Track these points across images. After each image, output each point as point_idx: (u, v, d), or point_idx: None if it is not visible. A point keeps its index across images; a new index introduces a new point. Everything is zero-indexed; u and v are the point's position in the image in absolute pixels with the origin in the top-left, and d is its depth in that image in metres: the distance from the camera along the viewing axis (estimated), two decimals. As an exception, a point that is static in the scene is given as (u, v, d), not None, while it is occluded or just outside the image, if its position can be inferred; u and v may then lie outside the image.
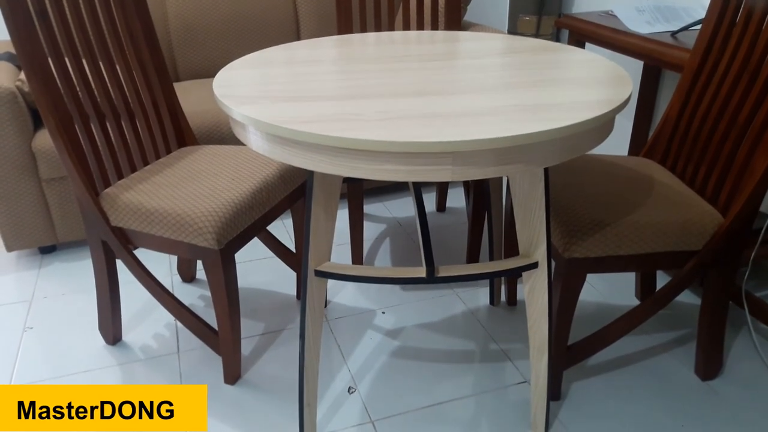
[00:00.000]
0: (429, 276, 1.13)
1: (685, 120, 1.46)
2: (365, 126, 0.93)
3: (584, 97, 1.04)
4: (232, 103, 1.04)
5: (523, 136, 0.89)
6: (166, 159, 1.58)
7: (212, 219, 1.28)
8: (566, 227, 1.24)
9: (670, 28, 1.81)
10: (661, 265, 1.30)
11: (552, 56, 1.31)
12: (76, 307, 1.80)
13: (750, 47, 1.30)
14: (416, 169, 0.92)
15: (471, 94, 1.07)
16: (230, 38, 2.43)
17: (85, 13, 1.40)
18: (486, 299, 1.79)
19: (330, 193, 1.15)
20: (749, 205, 1.24)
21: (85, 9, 1.40)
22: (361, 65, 1.27)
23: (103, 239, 1.45)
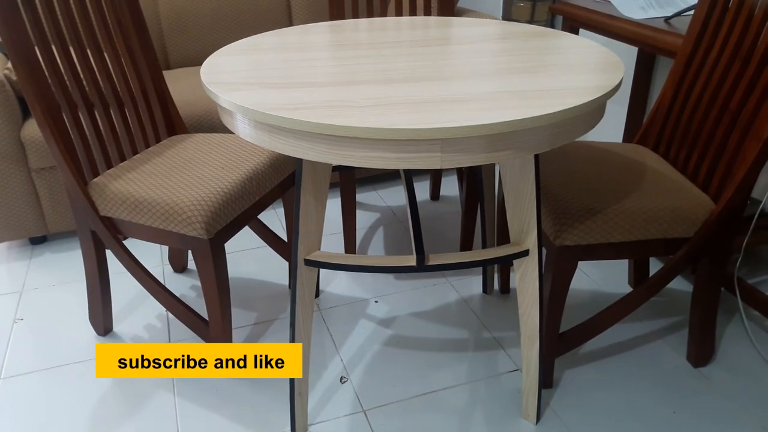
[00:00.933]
0: (419, 264, 1.12)
1: (678, 106, 1.45)
2: (354, 113, 0.92)
3: (575, 83, 1.03)
4: (219, 89, 1.03)
5: (513, 123, 0.88)
6: (155, 147, 1.56)
7: (201, 208, 1.27)
8: (557, 215, 1.23)
9: (663, 13, 1.79)
10: (652, 252, 1.30)
11: (544, 42, 1.29)
12: (67, 297, 1.79)
13: (741, 33, 1.29)
14: (405, 157, 0.91)
15: (461, 80, 1.06)
16: (222, 25, 2.41)
17: (73, 3, 1.38)
18: (479, 287, 1.79)
19: (320, 182, 1.14)
20: (740, 192, 1.23)
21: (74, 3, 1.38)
22: (352, 51, 1.25)
23: (93, 229, 1.44)
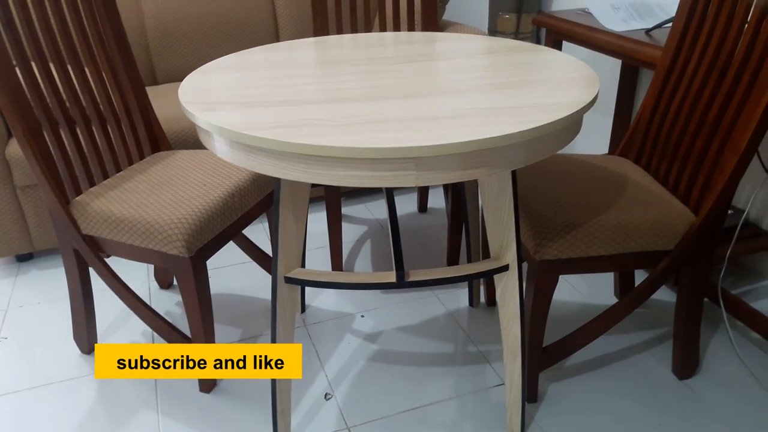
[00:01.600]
0: (399, 281, 1.12)
1: (658, 118, 1.46)
2: (329, 132, 0.92)
3: (550, 99, 1.03)
4: (195, 109, 1.03)
5: (486, 141, 0.89)
6: (139, 165, 1.56)
7: (181, 226, 1.27)
8: (537, 229, 1.24)
9: (645, 25, 1.81)
10: (633, 265, 1.30)
11: (522, 57, 1.30)
12: (52, 315, 1.78)
13: (718, 46, 1.30)
14: (380, 175, 0.92)
15: (439, 96, 1.06)
16: (208, 41, 2.41)
17: (53, 20, 1.39)
18: (466, 300, 1.79)
19: (299, 198, 1.14)
20: (719, 204, 1.24)
21: (53, 15, 1.39)
22: (331, 68, 1.26)
23: (75, 247, 1.43)
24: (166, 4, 2.34)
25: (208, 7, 2.39)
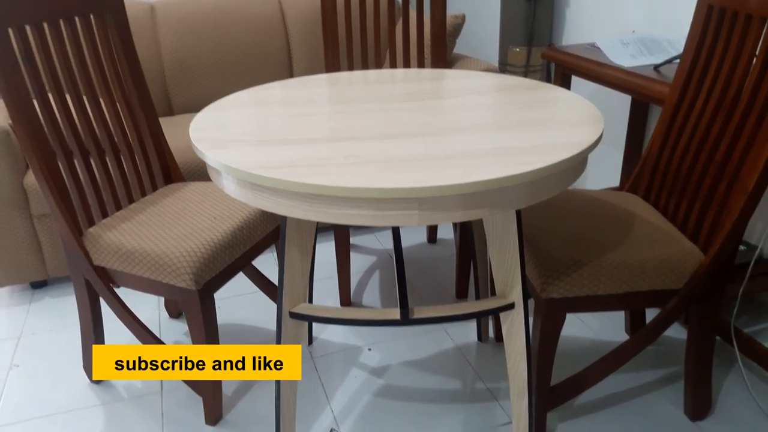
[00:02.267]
0: (403, 318, 1.12)
1: (666, 155, 1.46)
2: (334, 171, 0.94)
3: (554, 138, 1.04)
4: (204, 147, 1.05)
5: (488, 182, 0.90)
6: (151, 197, 1.59)
7: (190, 259, 1.28)
8: (543, 266, 1.23)
9: (654, 60, 1.82)
10: (642, 304, 1.29)
11: (529, 95, 1.31)
12: (64, 343, 1.79)
13: (725, 84, 1.30)
14: (383, 214, 0.93)
15: (444, 135, 1.08)
16: (224, 73, 2.46)
17: (72, 56, 1.43)
18: (474, 335, 1.78)
19: (305, 234, 1.15)
20: (728, 243, 1.23)
21: (72, 52, 1.43)
22: (341, 106, 1.28)
23: (86, 278, 1.45)
24: (183, 37, 2.39)
25: (224, 40, 2.44)
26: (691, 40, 1.42)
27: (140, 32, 2.35)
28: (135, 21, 2.34)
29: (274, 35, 2.51)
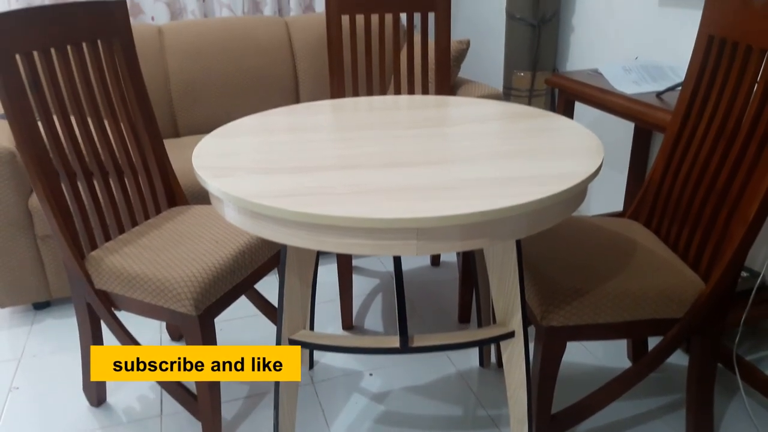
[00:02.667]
0: (402, 346, 1.12)
1: (668, 182, 1.46)
2: (333, 200, 0.94)
3: (554, 169, 1.04)
4: (206, 174, 1.06)
5: (486, 213, 0.90)
6: (154, 220, 1.60)
7: (191, 285, 1.29)
8: (543, 295, 1.23)
9: (656, 87, 1.82)
10: (642, 333, 1.29)
11: (530, 123, 1.32)
12: (64, 366, 1.79)
13: (725, 114, 1.31)
14: (381, 244, 0.93)
15: (444, 164, 1.08)
16: (230, 95, 2.48)
17: (78, 80, 1.45)
18: (476, 360, 1.77)
19: (305, 262, 1.15)
20: (729, 273, 1.23)
21: (78, 76, 1.45)
22: (342, 134, 1.29)
23: (88, 301, 1.46)
24: (190, 60, 2.42)
25: (231, 63, 2.46)
26: (692, 69, 1.43)
27: (148, 54, 2.38)
28: (143, 43, 2.37)
29: (280, 58, 2.54)
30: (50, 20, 1.36)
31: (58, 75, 1.39)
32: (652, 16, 2.14)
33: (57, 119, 1.40)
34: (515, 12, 2.52)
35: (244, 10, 2.68)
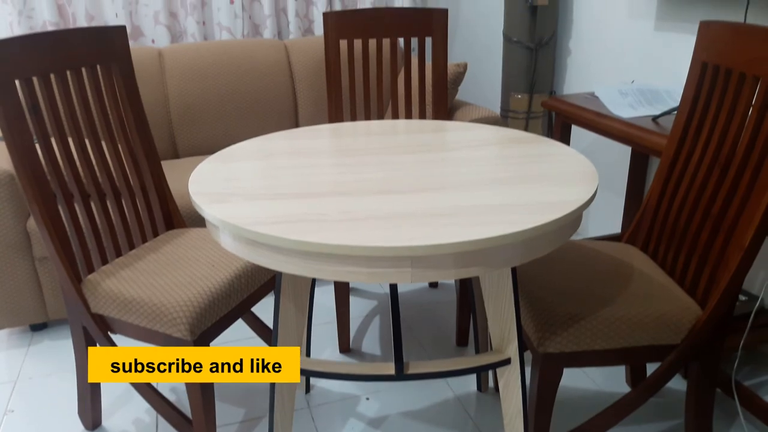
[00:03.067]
0: (398, 373, 1.11)
1: (664, 207, 1.47)
2: (328, 227, 0.95)
3: (548, 196, 1.05)
4: (202, 201, 1.06)
5: (480, 241, 0.90)
6: (152, 243, 1.60)
7: (186, 309, 1.29)
8: (540, 321, 1.23)
9: (652, 111, 1.83)
10: (640, 359, 1.28)
11: (526, 149, 1.33)
12: (60, 388, 1.79)
13: (720, 140, 1.31)
14: (376, 272, 0.93)
15: (439, 191, 1.09)
16: (229, 117, 2.50)
17: (77, 105, 1.46)
18: (474, 384, 1.76)
19: (300, 288, 1.15)
20: (725, 299, 1.22)
21: (77, 101, 1.46)
22: (339, 159, 1.30)
23: (84, 325, 1.45)
24: (189, 82, 2.44)
25: (231, 85, 2.48)
26: (686, 94, 1.44)
27: (148, 77, 2.40)
28: (143, 65, 2.39)
29: (280, 81, 2.56)
30: (50, 47, 1.37)
31: (57, 99, 1.40)
32: (648, 40, 2.16)
33: (55, 142, 1.41)
34: (512, 35, 2.55)
35: (243, 33, 2.71)
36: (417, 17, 1.97)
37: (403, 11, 1.98)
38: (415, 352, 1.92)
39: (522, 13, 2.49)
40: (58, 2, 2.41)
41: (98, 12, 2.51)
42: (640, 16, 2.17)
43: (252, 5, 2.74)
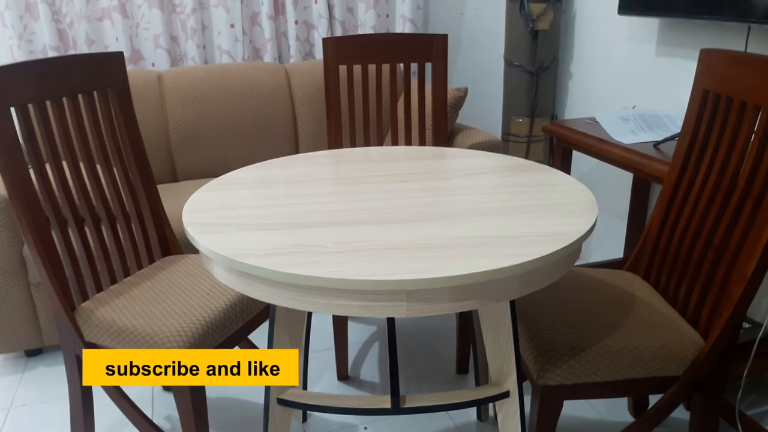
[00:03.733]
0: (394, 407, 1.09)
1: (666, 235, 1.45)
2: (322, 260, 0.93)
3: (546, 227, 1.03)
4: (195, 231, 1.05)
5: (476, 275, 0.88)
6: (147, 270, 1.58)
7: (179, 339, 1.27)
8: (539, 352, 1.20)
9: (654, 137, 1.82)
10: (641, 390, 1.25)
11: (525, 178, 1.31)
12: (54, 416, 1.76)
13: (721, 168, 1.30)
14: (370, 305, 0.91)
15: (436, 221, 1.07)
16: (229, 140, 2.49)
17: (73, 131, 1.45)
18: (474, 413, 1.73)
19: (295, 320, 1.13)
20: (728, 330, 1.20)
21: (73, 127, 1.45)
22: (335, 187, 1.28)
23: (77, 354, 1.43)
24: (189, 105, 2.44)
25: (231, 108, 2.48)
26: (687, 122, 1.42)
27: (147, 100, 2.40)
28: (142, 89, 2.40)
29: (280, 104, 2.56)
30: (47, 73, 1.37)
31: (53, 126, 1.40)
32: (650, 65, 2.15)
33: (50, 168, 1.40)
34: (513, 59, 2.55)
35: (244, 56, 2.71)
36: (417, 43, 1.97)
37: (403, 37, 1.98)
38: (414, 379, 1.89)
39: (523, 37, 2.50)
40: (58, 27, 2.42)
41: (98, 36, 2.52)
42: (642, 41, 2.17)
43: (252, 29, 2.75)
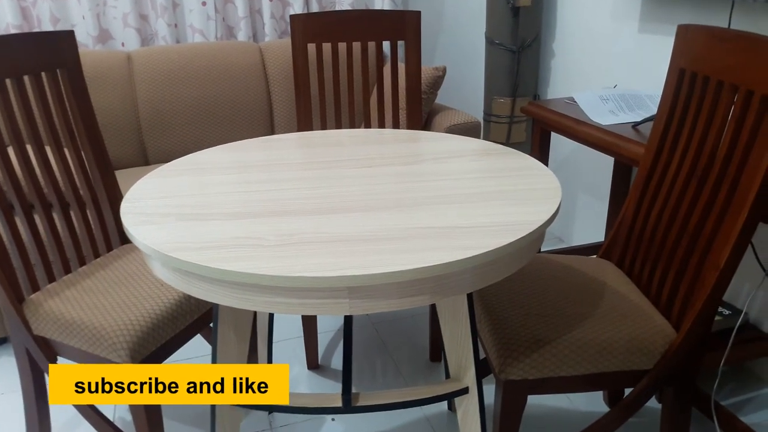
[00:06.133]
0: (345, 406, 1.04)
1: (641, 221, 1.39)
2: (259, 254, 0.87)
3: (506, 216, 0.97)
4: (130, 222, 0.98)
5: (424, 269, 0.82)
6: (103, 259, 1.52)
7: (126, 332, 1.21)
8: (501, 345, 1.15)
9: (634, 118, 1.76)
10: (610, 384, 1.20)
11: (492, 163, 1.25)
12: (12, 409, 1.71)
13: (697, 152, 1.23)
14: (310, 303, 0.85)
15: (388, 210, 1.01)
16: (201, 122, 2.42)
17: (19, 114, 1.38)
18: (445, 403, 1.68)
19: (241, 314, 1.07)
20: (701, 321, 1.15)
21: (19, 110, 1.38)
22: (290, 173, 1.21)
23: (27, 347, 1.37)
24: (159, 86, 2.36)
25: (203, 89, 2.40)
26: (663, 103, 1.36)
27: (116, 81, 2.32)
28: (111, 70, 2.31)
29: (254, 84, 2.48)
30: (-15, 53, 1.29)
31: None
32: (633, 43, 2.08)
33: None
34: (495, 37, 2.47)
35: (217, 35, 2.62)
36: (389, 20, 1.89)
37: (374, 13, 1.90)
38: (388, 367, 1.84)
39: (504, 14, 2.42)
40: (21, 4, 2.33)
41: (64, 14, 2.42)
42: (624, 18, 2.10)
43: (225, 7, 2.66)
